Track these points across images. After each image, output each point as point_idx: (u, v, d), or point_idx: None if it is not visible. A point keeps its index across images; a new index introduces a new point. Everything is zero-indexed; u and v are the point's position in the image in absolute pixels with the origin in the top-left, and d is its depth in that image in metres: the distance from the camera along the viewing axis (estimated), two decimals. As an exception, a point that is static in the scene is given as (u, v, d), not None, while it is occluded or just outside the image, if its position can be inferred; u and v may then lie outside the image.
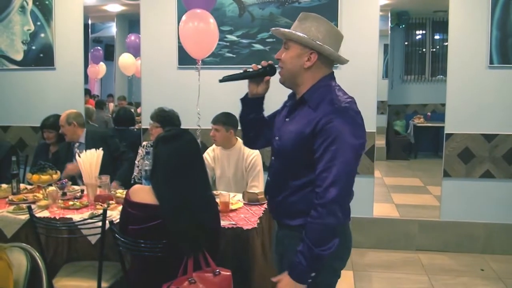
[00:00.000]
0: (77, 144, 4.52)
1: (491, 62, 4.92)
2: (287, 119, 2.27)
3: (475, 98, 4.95)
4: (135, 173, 4.38)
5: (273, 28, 2.30)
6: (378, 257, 5.02)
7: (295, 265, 2.08)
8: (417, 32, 10.37)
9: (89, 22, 6.28)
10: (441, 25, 8.90)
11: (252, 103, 2.47)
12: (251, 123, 2.51)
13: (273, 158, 2.34)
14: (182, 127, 4.21)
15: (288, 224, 2.26)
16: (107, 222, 2.91)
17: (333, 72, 2.28)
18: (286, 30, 2.20)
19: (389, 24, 9.44)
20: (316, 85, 2.19)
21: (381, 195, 6.52)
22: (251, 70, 2.36)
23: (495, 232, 5.07)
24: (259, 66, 2.37)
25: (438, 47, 9.78)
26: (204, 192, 2.60)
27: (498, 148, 5.00)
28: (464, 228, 5.13)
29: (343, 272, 4.67)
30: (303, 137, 2.10)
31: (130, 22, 6.81)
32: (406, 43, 10.47)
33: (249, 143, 2.65)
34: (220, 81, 2.44)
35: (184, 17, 4.26)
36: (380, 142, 8.31)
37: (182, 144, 2.58)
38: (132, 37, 6.57)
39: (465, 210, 5.13)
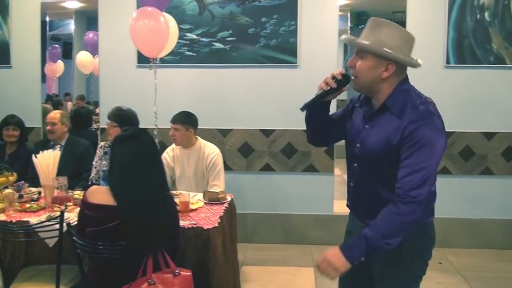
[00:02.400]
0: (58, 146, 4.47)
1: (447, 62, 5.04)
2: (366, 126, 2.26)
3: (432, 97, 4.94)
4: (92, 174, 4.30)
5: (344, 37, 2.27)
6: (338, 253, 5.06)
7: (353, 244, 2.07)
8: (376, 32, 10.53)
9: (47, 19, 6.15)
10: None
11: (321, 106, 2.39)
12: (318, 124, 2.47)
13: (355, 164, 2.32)
14: (141, 126, 4.17)
15: None
16: (64, 224, 2.86)
17: (407, 75, 2.25)
18: (362, 42, 2.15)
19: (349, 24, 9.54)
20: (396, 91, 2.18)
21: (342, 192, 6.51)
22: (328, 88, 2.26)
23: (452, 227, 5.17)
24: (333, 79, 2.27)
25: (396, 46, 9.92)
26: (162, 192, 2.59)
27: (454, 145, 5.11)
28: (422, 224, 5.22)
29: (303, 269, 4.77)
30: (391, 144, 2.12)
31: (89, 19, 6.70)
32: (365, 43, 10.59)
33: (318, 142, 2.64)
34: (302, 109, 2.40)
35: (134, 15, 4.21)
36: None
37: (139, 144, 2.57)
38: (90, 34, 6.46)
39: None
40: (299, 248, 5.17)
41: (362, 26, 7.88)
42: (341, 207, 5.71)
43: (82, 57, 6.37)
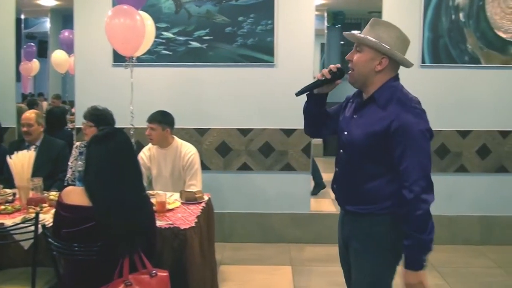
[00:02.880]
0: (34, 146, 4.41)
1: (423, 61, 5.10)
2: (355, 116, 2.45)
3: (407, 96, 5.09)
4: (68, 175, 4.26)
5: (346, 33, 2.45)
6: (315, 251, 5.10)
7: (410, 258, 2.27)
8: (353, 32, 10.59)
9: (22, 16, 6.08)
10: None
11: (317, 98, 2.57)
12: (314, 116, 2.65)
13: (341, 151, 2.51)
14: (118, 126, 4.14)
15: (354, 211, 2.44)
16: (39, 226, 2.83)
17: (398, 73, 2.44)
18: (361, 35, 2.35)
19: (326, 23, 9.62)
20: (385, 85, 2.37)
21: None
22: (323, 78, 2.47)
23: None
24: (329, 71, 2.47)
25: (373, 46, 10.05)
26: (138, 192, 2.59)
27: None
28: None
29: (281, 267, 4.78)
30: (374, 134, 2.30)
31: (64, 17, 6.63)
32: (342, 42, 10.70)
33: (313, 133, 2.84)
34: (297, 94, 2.52)
35: (109, 13, 4.16)
36: (317, 139, 8.42)
37: (115, 143, 2.55)
38: (66, 33, 6.39)
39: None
40: (277, 247, 5.19)
41: (339, 25, 7.97)
42: (318, 206, 5.77)
43: (57, 56, 6.31)
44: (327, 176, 7.16)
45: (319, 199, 6.34)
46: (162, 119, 4.18)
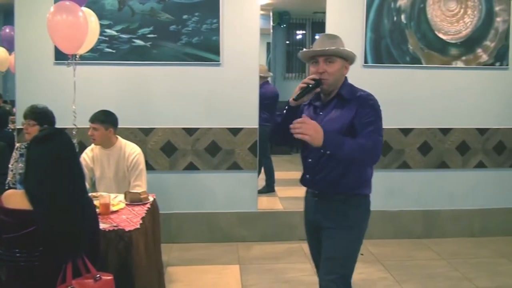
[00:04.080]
0: None
1: (365, 61, 5.21)
2: (321, 113, 2.81)
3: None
4: (9, 178, 4.12)
5: (320, 49, 2.73)
6: (263, 249, 5.13)
7: (332, 138, 2.51)
8: (298, 31, 10.81)
9: (-39, 12, 5.87)
10: (320, 26, 9.30)
11: (294, 110, 2.84)
12: (286, 126, 2.87)
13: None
14: (60, 126, 4.05)
15: (328, 195, 2.82)
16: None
17: None
18: (340, 48, 2.72)
19: (271, 23, 9.71)
20: (344, 84, 2.81)
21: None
22: (306, 86, 2.74)
23: (372, 219, 5.27)
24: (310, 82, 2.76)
25: (317, 46, 10.33)
26: (80, 195, 2.53)
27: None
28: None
29: (229, 267, 4.78)
30: (346, 120, 2.68)
31: (5, 13, 6.44)
32: (287, 42, 10.86)
33: (282, 141, 3.08)
34: (295, 99, 2.79)
35: (52, 9, 4.04)
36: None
37: (56, 144, 2.49)
38: (7, 29, 6.22)
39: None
40: (225, 246, 5.19)
41: (284, 25, 8.06)
42: (265, 204, 5.79)
43: (-3, 53, 6.12)
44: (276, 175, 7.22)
45: (266, 197, 6.37)
46: (105, 118, 4.10)
